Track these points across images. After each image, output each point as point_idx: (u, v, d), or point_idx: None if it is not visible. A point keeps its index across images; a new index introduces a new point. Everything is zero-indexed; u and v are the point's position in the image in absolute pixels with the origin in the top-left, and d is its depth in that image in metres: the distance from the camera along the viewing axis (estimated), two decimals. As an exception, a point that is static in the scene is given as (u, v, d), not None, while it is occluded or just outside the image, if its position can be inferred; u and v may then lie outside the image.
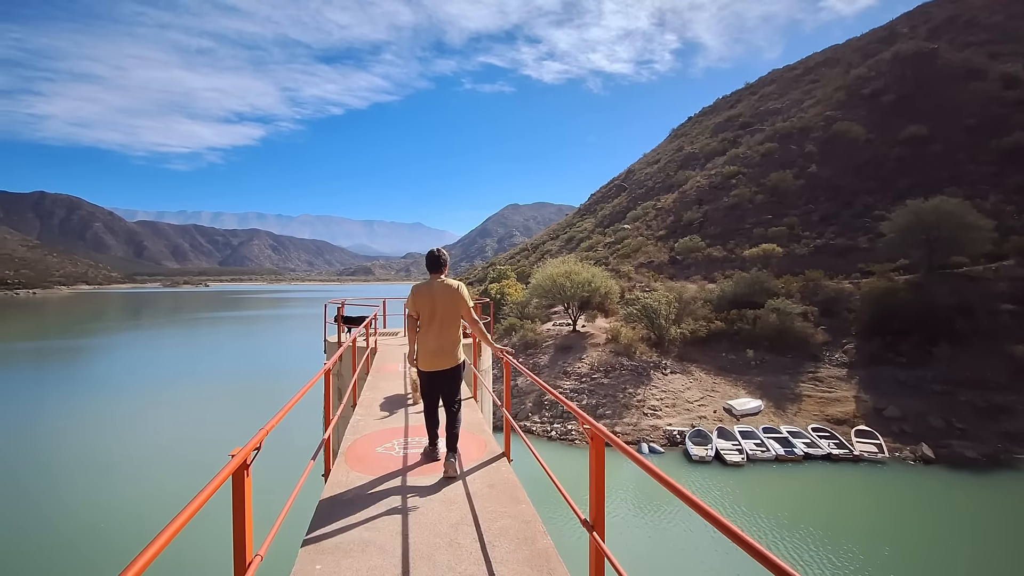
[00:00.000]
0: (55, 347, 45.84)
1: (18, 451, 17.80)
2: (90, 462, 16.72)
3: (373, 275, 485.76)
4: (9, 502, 13.67)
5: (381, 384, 7.63)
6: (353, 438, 5.09)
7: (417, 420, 5.66)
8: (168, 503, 12.73)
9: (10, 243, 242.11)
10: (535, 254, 69.76)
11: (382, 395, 7.00)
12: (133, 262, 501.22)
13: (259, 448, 2.21)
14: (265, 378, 29.54)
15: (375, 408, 6.29)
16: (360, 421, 5.68)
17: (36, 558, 10.98)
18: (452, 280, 4.69)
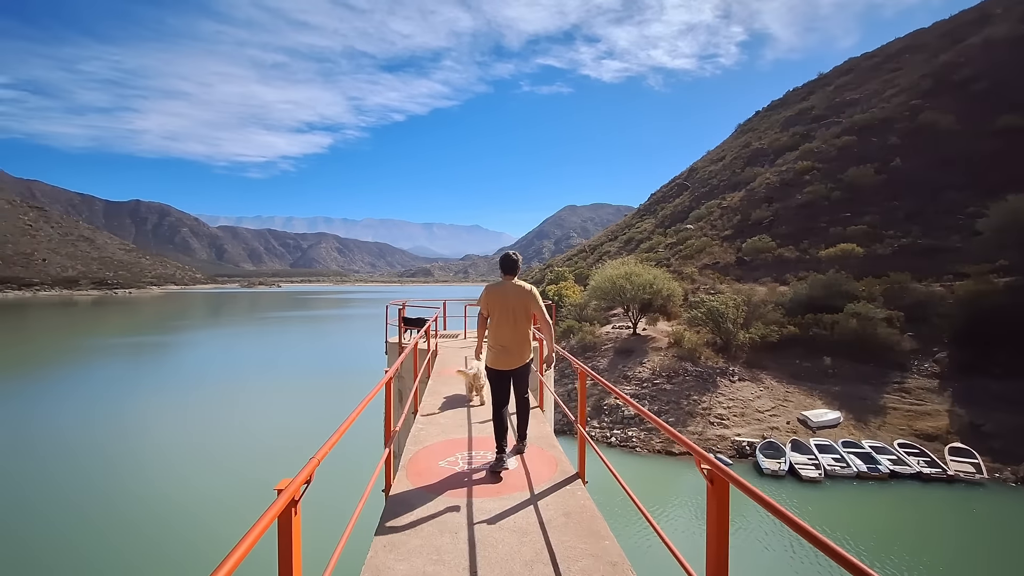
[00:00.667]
0: (148, 342, 49.88)
1: (107, 438, 19.33)
2: (164, 451, 17.88)
3: (432, 277, 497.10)
4: (95, 483, 14.85)
5: (442, 388, 7.48)
6: (415, 449, 4.88)
7: (480, 430, 5.47)
8: (228, 494, 13.30)
9: (110, 247, 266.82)
10: (593, 255, 68.77)
11: (444, 400, 6.84)
12: (215, 264, 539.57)
13: (309, 481, 1.99)
14: (329, 375, 30.71)
15: (437, 414, 6.12)
16: (422, 430, 5.49)
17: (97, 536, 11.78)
18: (525, 283, 4.85)
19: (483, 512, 3.62)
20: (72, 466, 16.50)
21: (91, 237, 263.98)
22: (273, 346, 48.29)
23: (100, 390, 27.65)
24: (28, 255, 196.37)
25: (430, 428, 5.56)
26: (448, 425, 5.70)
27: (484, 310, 4.87)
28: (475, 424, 5.84)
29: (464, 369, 6.90)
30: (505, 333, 4.70)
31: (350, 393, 25.41)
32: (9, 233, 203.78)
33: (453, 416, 6.08)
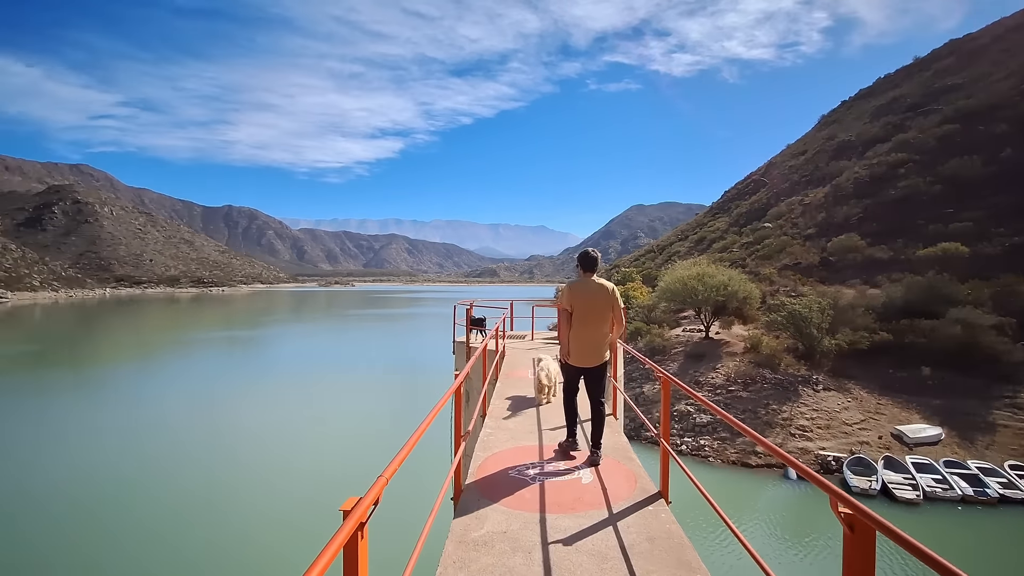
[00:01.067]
0: (238, 336, 53.98)
1: (181, 432, 21.00)
2: (234, 446, 19.07)
3: (498, 277, 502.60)
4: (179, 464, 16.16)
5: (510, 391, 7.38)
6: (484, 455, 4.75)
7: (551, 438, 5.30)
8: (293, 501, 13.56)
9: (207, 249, 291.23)
10: (661, 256, 66.78)
11: (512, 403, 6.71)
12: (296, 264, 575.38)
13: (377, 502, 1.86)
14: (398, 372, 31.78)
15: (505, 418, 6.02)
16: (491, 436, 5.35)
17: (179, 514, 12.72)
18: (605, 280, 4.92)
19: (558, 531, 3.39)
20: (133, 456, 17.92)
21: (191, 240, 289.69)
22: (348, 342, 50.72)
23: (192, 381, 30.19)
24: (138, 256, 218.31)
25: (499, 433, 5.43)
26: (518, 431, 5.57)
27: (567, 306, 4.88)
28: (546, 431, 5.64)
29: (536, 369, 6.90)
30: (587, 330, 4.80)
31: (419, 390, 26.19)
32: (123, 236, 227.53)
33: (522, 421, 5.95)
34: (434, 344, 44.39)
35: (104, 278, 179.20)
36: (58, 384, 29.94)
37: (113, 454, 17.35)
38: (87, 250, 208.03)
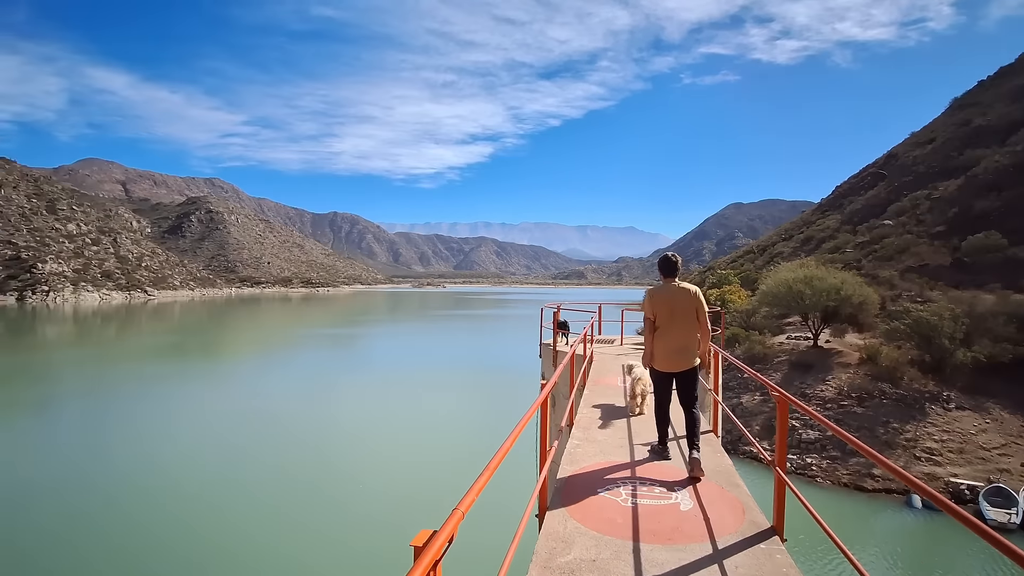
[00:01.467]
0: (340, 334, 58.04)
1: (301, 412, 22.69)
2: (316, 442, 20.30)
3: (585, 279, 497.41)
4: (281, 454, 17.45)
5: (599, 399, 7.03)
6: (571, 470, 4.42)
7: (644, 453, 4.97)
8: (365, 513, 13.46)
9: (315, 252, 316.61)
10: (762, 257, 62.41)
11: (601, 412, 6.34)
12: (392, 266, 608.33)
13: (453, 539, 1.65)
14: (485, 372, 32.39)
15: (594, 429, 5.64)
16: (578, 448, 4.99)
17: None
18: (688, 284, 4.83)
19: (654, 565, 3.01)
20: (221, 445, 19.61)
21: (301, 244, 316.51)
22: (438, 341, 52.66)
23: (294, 374, 32.81)
24: (258, 259, 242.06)
25: (587, 446, 5.07)
26: (607, 444, 5.21)
27: (650, 313, 4.85)
28: (638, 446, 5.22)
29: (627, 376, 6.62)
30: (672, 336, 4.73)
31: (503, 392, 26.48)
32: (246, 242, 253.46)
33: (612, 433, 5.59)
34: (520, 345, 44.86)
35: (230, 279, 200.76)
36: (189, 371, 33.94)
37: (215, 441, 19.23)
38: (217, 254, 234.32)
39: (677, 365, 4.74)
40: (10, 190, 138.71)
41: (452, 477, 14.56)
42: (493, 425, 20.00)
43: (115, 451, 17.50)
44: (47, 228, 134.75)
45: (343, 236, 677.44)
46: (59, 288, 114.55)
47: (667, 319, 4.75)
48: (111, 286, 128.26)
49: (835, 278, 23.37)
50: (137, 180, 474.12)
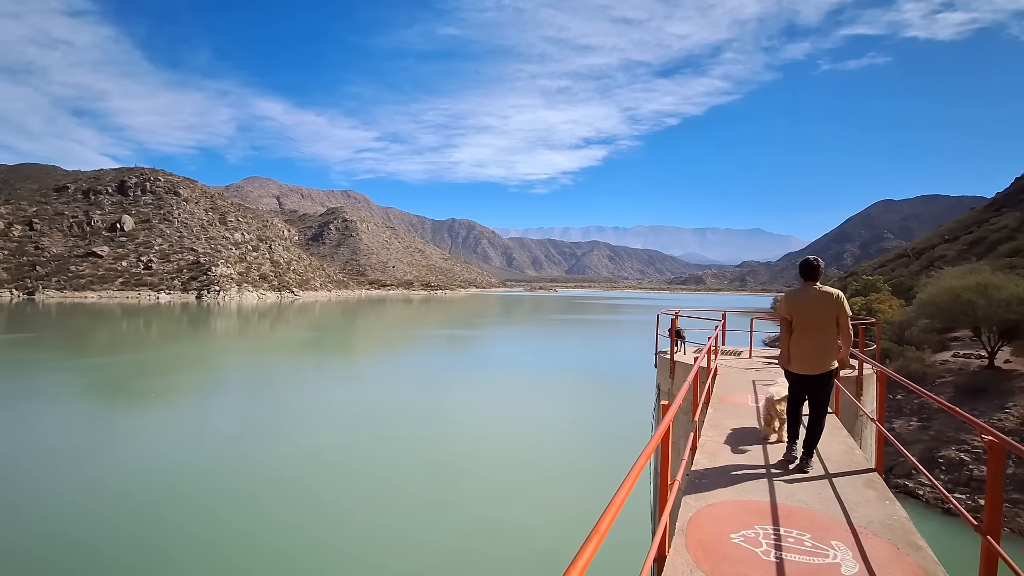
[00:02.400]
0: (456, 335, 60.60)
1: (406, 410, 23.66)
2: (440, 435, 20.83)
3: (704, 284, 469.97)
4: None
5: (725, 421, 6.11)
6: (696, 506, 3.71)
7: (787, 494, 4.03)
8: None
9: (434, 257, 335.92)
10: (918, 261, 54.07)
11: (729, 436, 5.46)
12: (505, 270, 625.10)
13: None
14: (597, 380, 31.57)
15: (722, 456, 4.85)
16: (703, 479, 4.25)
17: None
18: (830, 288, 4.72)
19: None
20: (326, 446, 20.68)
21: (422, 249, 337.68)
22: (550, 346, 52.71)
23: (414, 372, 34.58)
24: (384, 263, 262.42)
25: (715, 476, 4.34)
26: (739, 475, 4.46)
27: (787, 315, 4.87)
28: (778, 480, 4.25)
29: (760, 395, 5.84)
30: (809, 339, 4.69)
31: (615, 402, 25.59)
32: (375, 248, 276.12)
33: (745, 461, 4.78)
34: (633, 352, 43.32)
35: (360, 281, 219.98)
36: (326, 364, 37.45)
37: (335, 430, 20.66)
38: (350, 258, 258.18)
39: (813, 368, 4.69)
40: (193, 205, 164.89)
41: (554, 495, 14.26)
42: (603, 438, 19.37)
43: (268, 436, 19.65)
44: (219, 237, 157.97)
45: (460, 241, 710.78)
46: (227, 288, 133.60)
47: (804, 322, 4.72)
48: (266, 287, 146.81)
49: (1017, 286, 19.38)
50: (288, 194, 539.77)
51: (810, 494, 3.95)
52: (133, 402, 24.48)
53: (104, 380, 29.33)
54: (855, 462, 4.62)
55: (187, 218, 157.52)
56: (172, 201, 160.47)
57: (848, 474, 4.29)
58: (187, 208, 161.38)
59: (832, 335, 4.64)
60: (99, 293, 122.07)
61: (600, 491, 11.48)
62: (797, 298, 4.78)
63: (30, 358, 36.29)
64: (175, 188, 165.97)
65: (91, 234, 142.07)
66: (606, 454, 16.96)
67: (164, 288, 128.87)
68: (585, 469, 15.86)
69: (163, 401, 24.67)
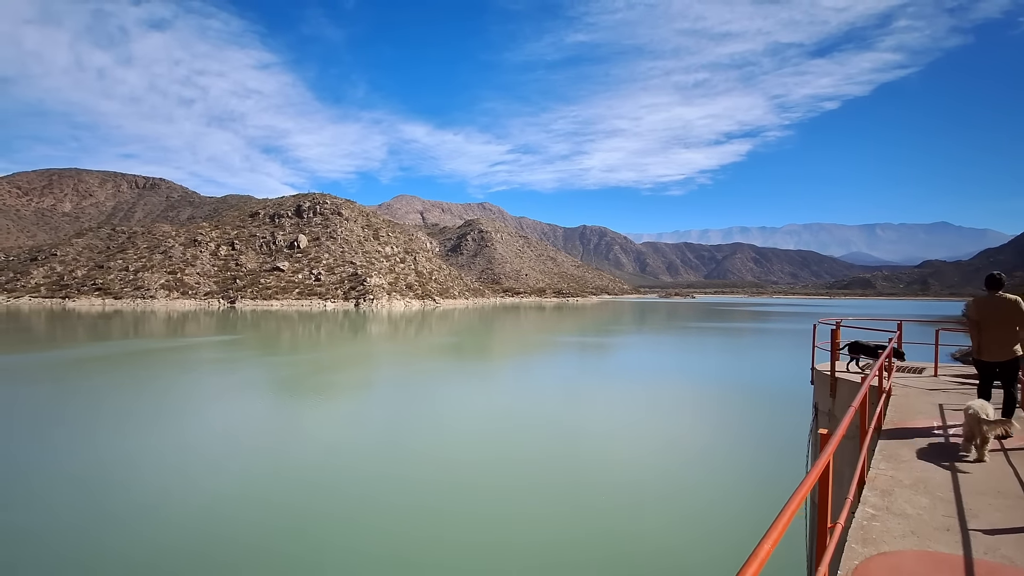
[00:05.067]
0: (589, 342, 60.16)
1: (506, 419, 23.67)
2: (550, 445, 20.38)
3: (873, 288, 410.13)
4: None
5: (902, 451, 5.05)
6: (865, 553, 3.06)
7: (986, 546, 3.23)
8: None
9: (565, 264, 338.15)
10: None
11: (907, 469, 4.48)
12: (639, 276, 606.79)
13: None
14: (745, 392, 29.01)
15: (900, 494, 3.91)
16: (874, 522, 3.48)
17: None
18: (1010, 295, 6.24)
19: None
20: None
21: (554, 257, 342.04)
22: (689, 355, 49.82)
23: (544, 377, 34.80)
24: (518, 271, 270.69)
25: (890, 520, 3.55)
26: (922, 520, 3.59)
27: (976, 316, 6.38)
28: (975, 531, 3.32)
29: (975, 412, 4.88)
30: (994, 334, 6.22)
31: (765, 423, 23.22)
32: (508, 257, 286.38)
33: (929, 503, 3.85)
34: (786, 365, 39.06)
35: (495, 289, 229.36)
36: (462, 369, 39.52)
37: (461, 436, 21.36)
38: (486, 268, 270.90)
39: (998, 355, 6.22)
40: (352, 223, 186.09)
41: (692, 529, 13.20)
42: (749, 465, 17.62)
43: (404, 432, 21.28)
44: (373, 251, 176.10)
45: (591, 248, 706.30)
46: (379, 296, 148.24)
47: (990, 323, 6.27)
48: (411, 295, 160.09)
49: None
50: (430, 209, 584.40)
51: (1020, 549, 3.09)
52: (304, 396, 28.19)
53: (288, 376, 34.28)
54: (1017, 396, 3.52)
55: (347, 235, 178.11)
56: (336, 221, 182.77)
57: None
58: (347, 226, 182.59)
59: (1012, 330, 6.15)
60: (281, 301, 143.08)
61: (744, 530, 10.36)
62: (984, 303, 6.32)
63: (239, 355, 43.84)
64: (339, 209, 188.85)
65: (275, 252, 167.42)
66: (753, 484, 15.22)
67: (330, 297, 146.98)
68: (729, 501, 13.85)
69: (326, 397, 28.06)
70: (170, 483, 14.54)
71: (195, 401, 26.32)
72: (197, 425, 21.41)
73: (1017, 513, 3.61)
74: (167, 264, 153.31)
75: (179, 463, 16.40)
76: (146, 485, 14.32)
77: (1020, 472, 4.26)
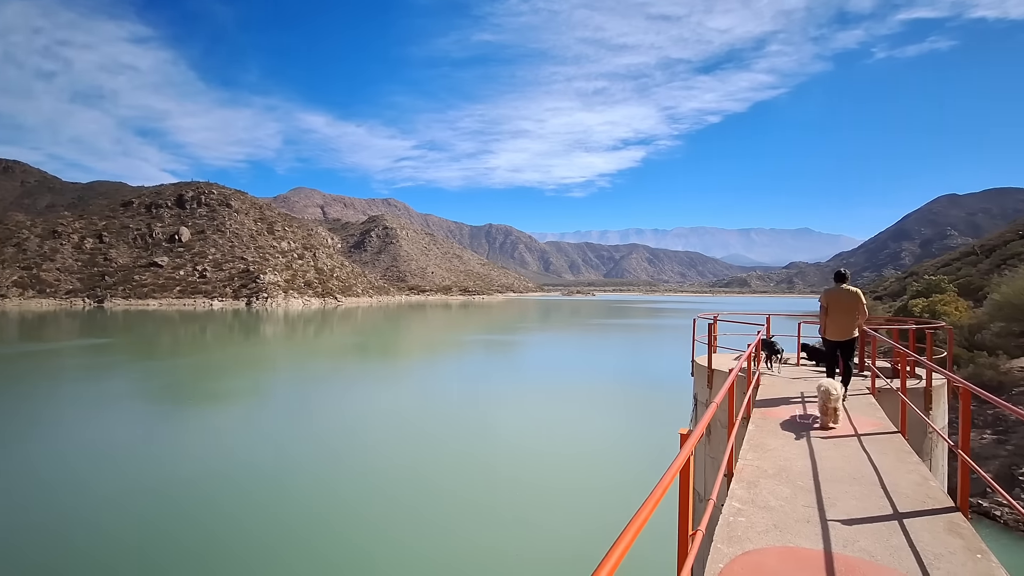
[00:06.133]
0: (492, 340, 60.36)
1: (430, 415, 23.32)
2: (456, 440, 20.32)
3: (749, 287, 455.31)
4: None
5: (770, 440, 5.09)
6: (729, 554, 2.97)
7: (845, 539, 3.30)
8: None
9: (472, 262, 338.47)
10: (989, 259, 50.10)
11: (773, 460, 4.46)
12: (542, 275, 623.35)
13: None
14: (639, 384, 30.51)
15: (765, 486, 3.87)
16: (740, 517, 3.44)
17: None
18: (852, 287, 7.65)
19: None
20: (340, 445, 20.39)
21: (460, 255, 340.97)
22: (590, 351, 51.69)
23: (446, 378, 34.38)
24: (423, 269, 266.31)
25: (755, 514, 3.52)
26: (785, 512, 3.55)
27: (824, 303, 7.75)
28: (835, 523, 3.40)
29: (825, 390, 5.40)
30: (838, 318, 7.61)
31: (653, 413, 24.55)
32: (414, 254, 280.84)
33: (792, 494, 3.81)
34: (676, 359, 41.90)
35: (401, 287, 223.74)
36: (366, 368, 37.81)
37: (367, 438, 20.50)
38: (391, 265, 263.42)
39: (841, 335, 7.62)
40: (243, 216, 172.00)
41: (569, 511, 13.53)
42: (634, 452, 18.51)
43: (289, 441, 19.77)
44: (267, 246, 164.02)
45: (497, 246, 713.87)
46: (274, 295, 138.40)
47: (835, 309, 7.63)
48: (311, 293, 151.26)
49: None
50: (332, 203, 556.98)
51: (876, 541, 3.18)
52: (188, 405, 25.27)
53: (165, 384, 30.53)
54: (932, 497, 3.72)
55: (238, 228, 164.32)
56: (224, 212, 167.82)
57: (923, 514, 3.46)
58: (238, 219, 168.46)
59: (851, 317, 7.54)
60: (159, 301, 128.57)
61: (620, 515, 10.69)
62: (832, 293, 7.70)
63: (105, 362, 38.32)
64: (227, 200, 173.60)
65: (152, 245, 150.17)
66: (634, 469, 16.04)
67: (217, 295, 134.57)
68: (608, 487, 14.71)
69: (211, 403, 25.39)
70: None
71: (47, 415, 22.57)
72: (44, 440, 18.33)
73: (871, 501, 3.71)
74: (21, 259, 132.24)
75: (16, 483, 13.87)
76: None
77: (873, 457, 4.53)
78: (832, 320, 7.60)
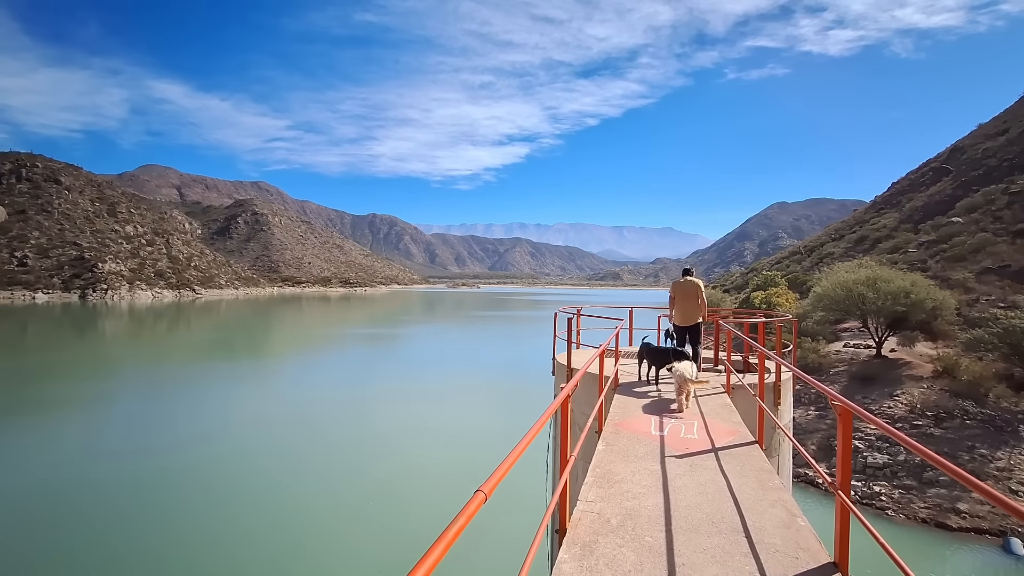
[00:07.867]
0: (378, 334, 57.81)
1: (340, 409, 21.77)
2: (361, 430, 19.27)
3: (621, 280, 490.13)
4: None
5: (620, 468, 4.24)
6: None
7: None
8: None
9: (353, 253, 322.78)
10: (809, 258, 58.70)
11: (622, 503, 3.63)
12: (428, 267, 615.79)
13: None
14: (507, 378, 30.88)
15: (605, 556, 2.92)
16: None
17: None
18: (695, 278, 8.81)
19: None
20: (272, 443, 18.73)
21: (341, 245, 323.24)
22: (472, 344, 51.58)
23: (327, 372, 32.18)
24: (300, 259, 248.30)
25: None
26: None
27: (673, 294, 8.85)
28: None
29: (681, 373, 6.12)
30: (683, 306, 8.69)
31: (520, 403, 24.95)
32: (289, 243, 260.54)
33: (635, 555, 2.93)
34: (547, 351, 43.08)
35: (273, 278, 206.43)
36: (222, 370, 33.88)
37: (226, 437, 18.44)
38: (261, 254, 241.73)
39: (687, 321, 8.64)
40: (77, 195, 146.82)
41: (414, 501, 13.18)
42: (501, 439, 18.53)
43: (135, 450, 16.95)
44: (107, 230, 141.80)
45: (382, 237, 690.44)
46: (116, 286, 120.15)
47: (681, 298, 8.71)
48: (163, 285, 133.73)
49: (903, 280, 20.83)
50: (191, 184, 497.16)
51: None
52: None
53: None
54: (804, 548, 3.14)
55: (69, 209, 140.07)
56: (52, 190, 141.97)
57: None
58: (69, 198, 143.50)
59: (695, 304, 8.59)
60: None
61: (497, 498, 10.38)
62: (678, 284, 8.84)
63: None
64: (55, 176, 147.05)
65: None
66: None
67: (42, 287, 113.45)
68: None
69: (32, 412, 20.89)
70: None
71: None
72: None
73: (734, 563, 2.90)
74: None
75: None
76: None
77: (732, 483, 3.95)
78: (679, 308, 8.63)
